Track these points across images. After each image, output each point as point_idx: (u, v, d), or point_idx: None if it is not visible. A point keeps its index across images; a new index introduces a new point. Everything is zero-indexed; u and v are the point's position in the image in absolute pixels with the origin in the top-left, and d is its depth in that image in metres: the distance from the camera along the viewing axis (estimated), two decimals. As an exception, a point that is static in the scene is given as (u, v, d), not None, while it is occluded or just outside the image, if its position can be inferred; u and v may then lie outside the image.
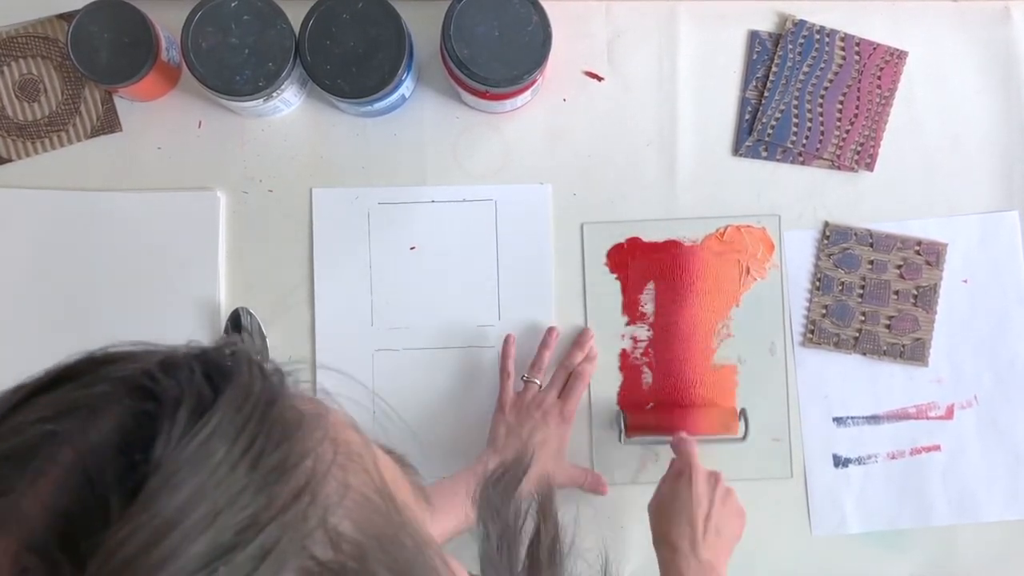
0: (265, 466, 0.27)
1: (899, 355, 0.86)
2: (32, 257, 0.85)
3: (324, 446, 0.29)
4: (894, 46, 0.87)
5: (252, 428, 0.27)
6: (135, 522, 0.24)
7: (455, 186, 0.87)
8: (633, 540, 0.86)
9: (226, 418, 0.27)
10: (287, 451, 0.28)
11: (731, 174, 0.87)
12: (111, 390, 0.28)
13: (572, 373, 0.84)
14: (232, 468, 0.26)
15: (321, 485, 0.28)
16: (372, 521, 0.29)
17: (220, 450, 0.26)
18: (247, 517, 0.26)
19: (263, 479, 0.26)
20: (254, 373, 0.29)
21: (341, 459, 0.29)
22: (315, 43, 0.77)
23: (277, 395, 0.29)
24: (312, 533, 0.27)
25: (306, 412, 0.30)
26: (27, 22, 0.85)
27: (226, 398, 0.27)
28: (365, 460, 0.31)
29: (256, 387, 0.29)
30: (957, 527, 0.86)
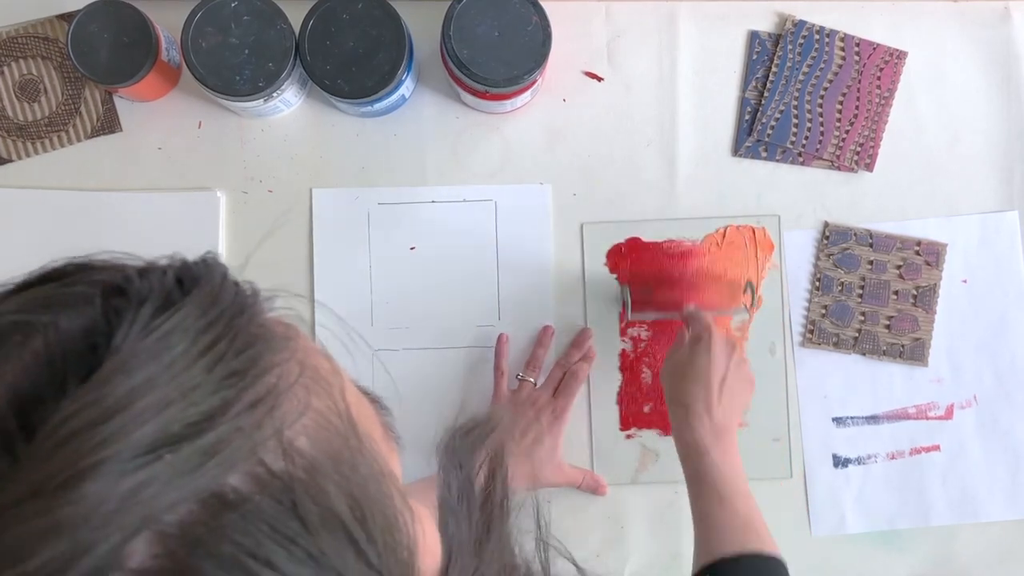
0: (224, 369, 0.27)
1: (899, 355, 0.87)
2: (32, 257, 0.85)
3: (290, 365, 0.30)
4: (894, 46, 0.87)
5: (215, 331, 0.28)
6: (85, 399, 0.25)
7: (455, 186, 0.87)
8: (633, 540, 0.86)
9: (189, 317, 0.28)
10: (249, 360, 0.28)
11: (731, 174, 0.87)
12: (88, 290, 0.29)
13: (567, 372, 0.84)
14: (189, 365, 0.27)
15: (281, 399, 0.28)
16: (330, 442, 0.30)
17: (178, 346, 0.27)
18: (199, 413, 0.26)
19: (220, 381, 0.27)
20: (226, 284, 0.30)
21: (306, 380, 0.30)
22: (315, 43, 0.77)
23: (247, 308, 0.30)
24: (265, 442, 0.27)
25: (276, 332, 0.31)
26: (27, 22, 0.85)
27: (192, 299, 0.28)
28: (331, 386, 0.31)
29: (226, 296, 0.30)
30: (957, 527, 0.86)
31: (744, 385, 0.76)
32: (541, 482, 0.82)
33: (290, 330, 0.32)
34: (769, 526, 0.72)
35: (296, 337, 0.32)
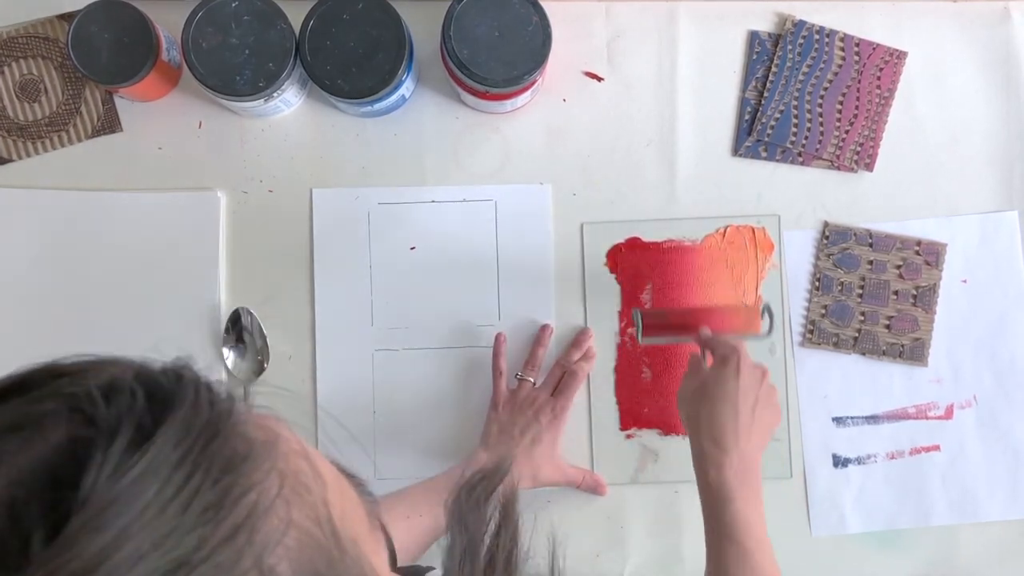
0: (200, 504, 0.26)
1: (898, 355, 0.87)
2: (32, 257, 0.85)
3: (270, 479, 0.28)
4: (894, 46, 0.87)
5: (189, 464, 0.26)
6: (53, 563, 0.24)
7: (455, 186, 0.87)
8: (633, 540, 0.86)
9: (163, 452, 0.26)
10: (228, 485, 0.27)
11: (731, 174, 0.87)
12: (56, 408, 0.27)
13: (567, 371, 0.84)
14: (163, 508, 0.25)
15: (261, 521, 0.27)
16: (312, 561, 0.28)
17: (151, 489, 0.25)
18: (173, 560, 0.25)
19: (197, 518, 0.26)
20: (200, 401, 0.28)
21: (287, 492, 0.28)
22: (315, 43, 0.77)
23: (222, 425, 0.28)
24: (246, 575, 0.26)
25: (255, 441, 0.29)
26: (27, 22, 0.86)
27: (165, 429, 0.26)
28: (312, 494, 0.30)
29: (201, 418, 0.28)
30: (957, 527, 0.86)
31: (773, 415, 0.72)
32: (540, 481, 0.82)
33: (270, 434, 0.30)
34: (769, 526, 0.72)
35: (275, 441, 0.30)
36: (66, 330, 0.84)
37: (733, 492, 0.66)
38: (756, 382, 0.70)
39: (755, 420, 0.68)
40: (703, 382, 0.71)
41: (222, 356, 0.85)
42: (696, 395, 0.71)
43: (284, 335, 0.86)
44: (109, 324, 0.85)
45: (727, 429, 0.67)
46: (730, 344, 0.71)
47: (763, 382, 0.71)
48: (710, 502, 0.68)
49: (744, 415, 0.68)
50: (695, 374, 0.73)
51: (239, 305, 0.85)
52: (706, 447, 0.68)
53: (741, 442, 0.67)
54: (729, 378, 0.69)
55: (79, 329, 0.84)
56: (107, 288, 0.85)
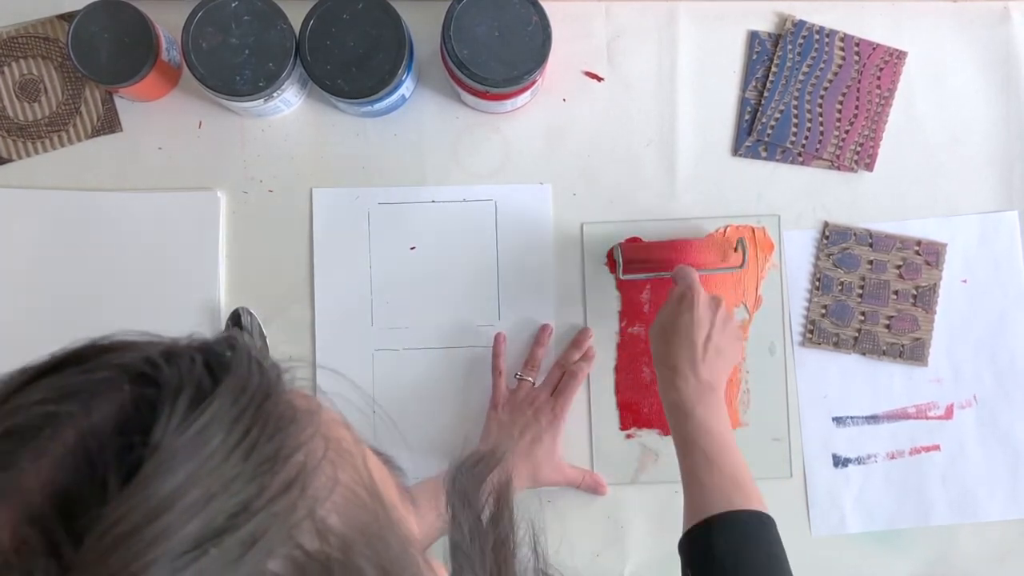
0: (258, 456, 0.28)
1: (898, 355, 0.87)
2: (32, 257, 0.85)
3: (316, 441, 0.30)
4: (894, 46, 0.87)
5: (247, 419, 0.28)
6: (131, 501, 0.25)
7: (455, 186, 0.87)
8: (633, 540, 0.86)
9: (223, 408, 0.28)
10: (280, 443, 0.28)
11: (731, 174, 0.87)
12: (113, 375, 0.29)
13: (567, 372, 0.84)
14: (227, 456, 0.27)
15: (311, 478, 0.29)
16: (359, 516, 0.30)
17: (216, 438, 0.27)
18: (238, 503, 0.26)
19: (256, 468, 0.27)
20: (252, 367, 0.30)
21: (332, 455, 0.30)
22: (315, 43, 0.77)
23: (272, 389, 0.30)
24: (300, 523, 0.28)
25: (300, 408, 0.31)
26: (27, 22, 0.86)
27: (224, 388, 0.28)
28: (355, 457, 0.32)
29: (253, 380, 0.30)
30: (957, 527, 0.86)
31: (731, 342, 0.76)
32: (540, 482, 0.82)
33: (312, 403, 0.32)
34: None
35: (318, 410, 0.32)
36: (66, 330, 0.84)
37: (692, 406, 0.71)
38: (710, 314, 0.75)
39: (710, 349, 0.73)
40: (663, 319, 0.76)
41: (222, 356, 0.84)
42: (660, 330, 0.76)
43: (284, 335, 0.86)
44: (109, 324, 0.84)
45: (683, 358, 0.72)
46: (687, 280, 0.76)
47: (717, 312, 0.75)
48: (673, 419, 0.73)
49: (699, 344, 0.73)
50: (663, 309, 0.77)
51: (239, 305, 0.85)
52: (665, 373, 0.74)
53: (698, 368, 0.72)
54: (683, 312, 0.74)
55: (79, 329, 0.84)
56: (107, 288, 0.85)
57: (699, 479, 0.68)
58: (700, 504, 0.67)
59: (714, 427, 0.70)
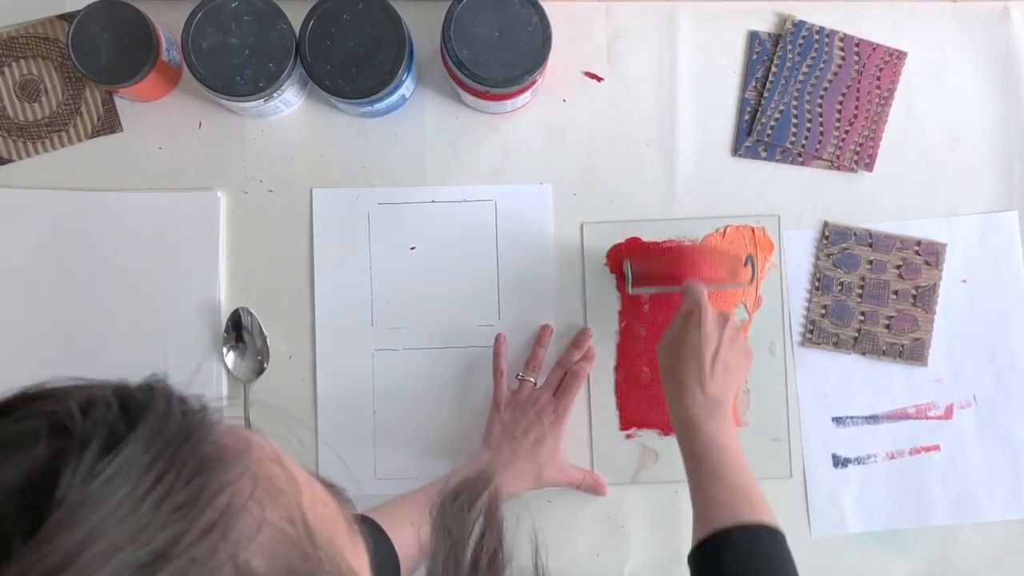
0: (173, 502, 0.27)
1: (898, 355, 0.87)
2: (32, 257, 0.85)
3: (242, 482, 0.29)
4: (893, 46, 0.87)
5: (162, 464, 0.28)
6: (32, 557, 0.25)
7: (455, 186, 0.87)
8: (633, 540, 0.86)
9: (134, 454, 0.27)
10: (199, 487, 0.28)
11: (731, 174, 0.87)
12: (36, 426, 0.28)
13: (568, 372, 0.84)
14: (135, 506, 0.26)
15: (235, 520, 0.28)
16: (287, 557, 0.29)
17: (124, 487, 0.26)
18: (149, 553, 0.26)
19: (170, 515, 0.27)
20: (172, 409, 0.30)
21: (260, 494, 0.30)
22: (315, 43, 0.78)
23: (194, 431, 0.30)
24: (220, 568, 0.27)
25: (227, 447, 0.30)
26: (27, 22, 0.86)
27: (137, 434, 0.28)
28: (287, 496, 0.31)
29: (172, 424, 0.29)
30: (956, 527, 0.86)
31: (739, 358, 0.76)
32: (544, 482, 0.82)
33: (242, 441, 0.31)
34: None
35: (248, 448, 0.31)
36: (66, 330, 0.85)
37: (701, 421, 0.71)
38: (717, 330, 0.75)
39: (717, 366, 0.73)
40: (671, 335, 0.76)
41: (222, 356, 0.85)
42: (668, 346, 0.76)
43: (284, 335, 0.86)
44: (109, 324, 0.85)
45: (691, 373, 0.73)
46: (695, 296, 0.76)
47: (724, 329, 0.75)
48: (681, 434, 0.73)
49: (707, 360, 0.73)
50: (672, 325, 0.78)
51: (239, 305, 0.85)
52: (672, 389, 0.74)
53: (705, 383, 0.72)
54: (692, 328, 0.74)
55: (79, 329, 0.85)
56: (107, 288, 0.85)
57: (708, 493, 0.68)
58: (709, 518, 0.67)
59: (722, 442, 0.71)
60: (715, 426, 0.71)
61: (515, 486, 0.80)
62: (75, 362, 0.84)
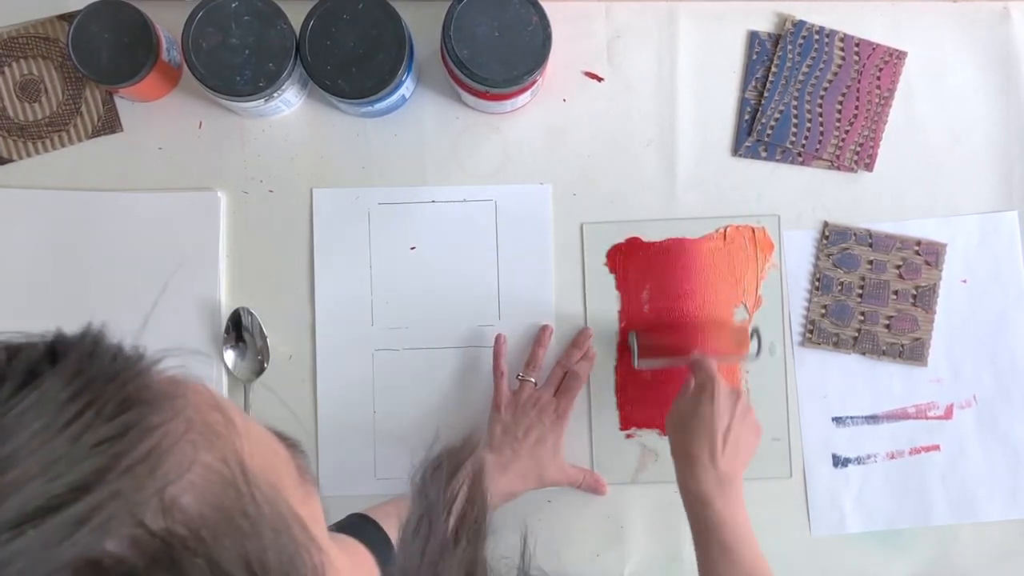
0: (92, 438, 0.27)
1: (898, 355, 0.87)
2: (32, 257, 0.85)
3: (175, 423, 0.29)
4: (893, 46, 0.87)
5: (81, 401, 0.28)
6: None
7: (455, 186, 0.87)
8: (633, 540, 0.86)
9: (52, 390, 0.28)
10: (123, 425, 0.28)
11: (731, 174, 0.87)
12: None
13: (568, 372, 0.84)
14: (50, 438, 0.27)
15: (164, 458, 0.28)
16: (217, 495, 0.29)
17: (37, 421, 0.27)
18: (64, 484, 0.26)
19: (89, 449, 0.27)
20: (100, 350, 0.30)
21: (193, 435, 0.30)
22: (315, 43, 0.78)
23: (121, 371, 0.30)
24: (146, 502, 0.27)
25: (162, 390, 0.30)
26: (28, 22, 0.86)
27: (55, 371, 0.28)
28: (223, 440, 0.31)
29: (97, 364, 0.29)
30: (956, 527, 0.86)
31: (750, 435, 0.76)
32: (544, 482, 0.82)
33: (177, 388, 0.31)
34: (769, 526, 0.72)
35: (182, 395, 0.31)
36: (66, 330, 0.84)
37: (712, 498, 0.71)
38: (730, 406, 0.75)
39: (729, 441, 0.73)
40: (682, 409, 0.76)
41: (222, 356, 0.85)
42: (679, 421, 0.76)
43: (284, 335, 0.86)
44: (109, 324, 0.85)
45: (703, 448, 0.73)
46: (707, 371, 0.76)
47: (737, 405, 0.75)
48: (692, 509, 0.72)
49: (719, 435, 0.73)
50: (681, 399, 0.77)
51: (239, 305, 0.85)
52: (684, 463, 0.73)
53: (718, 459, 0.72)
54: (704, 404, 0.74)
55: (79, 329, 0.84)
56: (107, 288, 0.85)
57: (717, 571, 0.69)
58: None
59: (734, 519, 0.70)
60: (726, 503, 0.71)
61: (516, 486, 0.80)
62: (75, 362, 0.84)
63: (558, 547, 0.86)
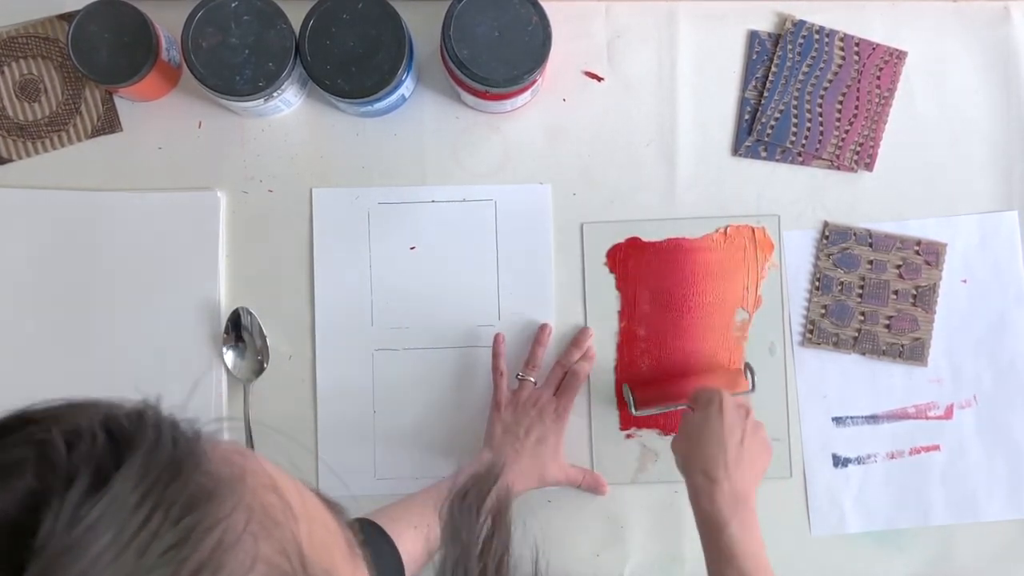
0: (159, 547, 0.26)
1: (898, 355, 0.87)
2: (32, 257, 0.85)
3: (236, 514, 0.28)
4: (893, 46, 0.87)
5: (148, 506, 0.26)
6: None
7: (455, 186, 0.87)
8: (633, 540, 0.86)
9: (120, 496, 0.26)
10: (189, 526, 0.27)
11: (731, 174, 0.87)
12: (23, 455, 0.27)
13: (568, 371, 0.84)
14: (119, 553, 0.25)
15: (228, 556, 0.27)
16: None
17: (107, 535, 0.25)
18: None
19: (155, 561, 0.26)
20: (162, 440, 0.28)
21: (254, 527, 0.28)
22: (315, 43, 0.77)
23: (185, 464, 0.28)
24: None
25: (221, 478, 0.29)
26: (27, 22, 0.86)
27: (123, 473, 0.26)
28: (281, 526, 0.30)
29: (161, 457, 0.28)
30: (956, 527, 0.86)
31: (762, 449, 0.75)
32: (546, 482, 0.82)
33: (236, 469, 0.30)
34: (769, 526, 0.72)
35: (243, 477, 0.30)
36: (66, 330, 0.84)
37: (727, 518, 0.69)
38: (740, 419, 0.73)
39: (743, 453, 0.72)
40: (691, 425, 0.74)
41: (222, 356, 0.85)
42: (688, 437, 0.74)
43: (284, 335, 0.86)
44: (109, 324, 0.85)
45: (717, 462, 0.71)
46: (711, 392, 0.75)
47: (747, 419, 0.74)
48: (706, 531, 0.70)
49: (732, 449, 0.71)
50: (685, 423, 0.76)
51: (239, 305, 0.85)
52: (698, 481, 0.71)
53: (731, 473, 0.70)
54: (714, 416, 0.73)
55: (79, 329, 0.85)
56: (107, 288, 0.85)
57: None
58: None
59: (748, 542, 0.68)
60: (741, 525, 0.69)
61: (517, 485, 0.80)
62: (75, 362, 0.84)
63: (558, 547, 0.86)
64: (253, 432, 0.85)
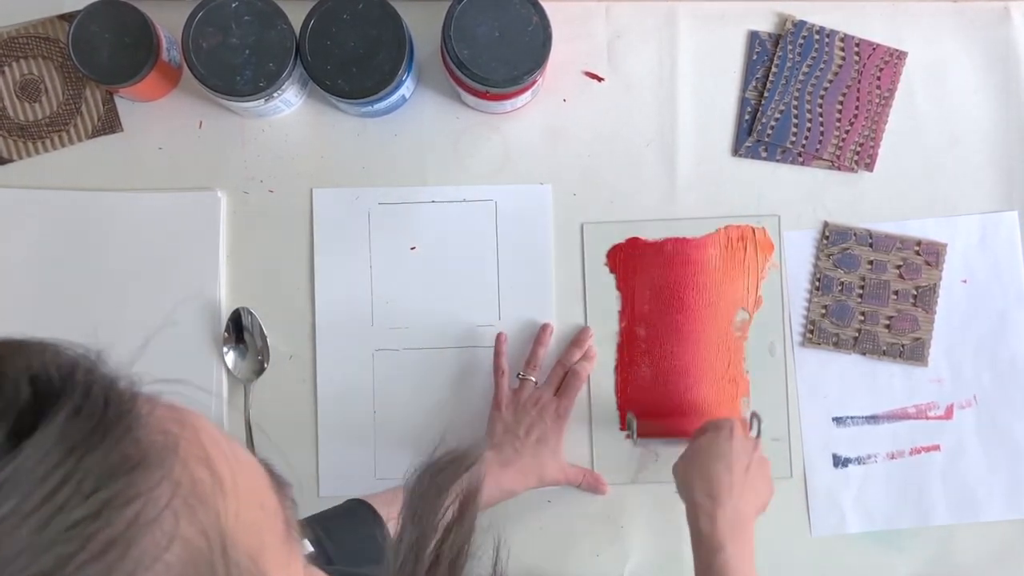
0: (63, 522, 0.24)
1: (899, 355, 0.87)
2: (32, 257, 0.85)
3: (160, 488, 0.26)
4: (894, 46, 0.87)
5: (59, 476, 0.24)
6: None
7: (455, 186, 0.87)
8: (633, 540, 0.86)
9: (27, 463, 0.24)
10: (104, 499, 0.25)
11: (731, 174, 0.87)
12: None
13: (569, 371, 0.84)
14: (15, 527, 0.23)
15: (142, 534, 0.25)
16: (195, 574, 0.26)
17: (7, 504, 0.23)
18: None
19: (56, 537, 0.24)
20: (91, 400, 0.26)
21: (177, 504, 0.27)
22: (315, 43, 0.78)
23: (110, 429, 0.26)
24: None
25: (151, 446, 0.27)
26: (28, 22, 0.86)
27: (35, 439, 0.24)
28: (207, 505, 0.28)
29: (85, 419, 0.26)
30: (956, 527, 0.86)
31: (765, 484, 0.74)
32: (545, 481, 0.82)
33: (169, 438, 0.28)
34: (769, 526, 0.72)
35: (175, 447, 0.27)
36: (66, 330, 0.84)
37: (724, 541, 0.68)
38: (749, 450, 0.73)
39: (748, 480, 0.71)
40: (698, 447, 0.74)
41: (222, 356, 0.85)
42: (691, 458, 0.74)
43: (284, 335, 0.86)
44: (108, 324, 0.85)
45: (722, 483, 0.70)
46: (725, 418, 0.75)
47: (755, 451, 0.74)
48: (701, 552, 0.69)
49: (737, 473, 0.71)
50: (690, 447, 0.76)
51: (239, 305, 0.85)
52: (699, 500, 0.71)
53: (735, 496, 0.70)
54: (723, 441, 0.73)
55: (79, 329, 0.84)
56: (107, 288, 0.85)
57: None
58: None
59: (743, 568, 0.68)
60: (738, 549, 0.68)
61: (517, 485, 0.80)
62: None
63: (558, 547, 0.86)
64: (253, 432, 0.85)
